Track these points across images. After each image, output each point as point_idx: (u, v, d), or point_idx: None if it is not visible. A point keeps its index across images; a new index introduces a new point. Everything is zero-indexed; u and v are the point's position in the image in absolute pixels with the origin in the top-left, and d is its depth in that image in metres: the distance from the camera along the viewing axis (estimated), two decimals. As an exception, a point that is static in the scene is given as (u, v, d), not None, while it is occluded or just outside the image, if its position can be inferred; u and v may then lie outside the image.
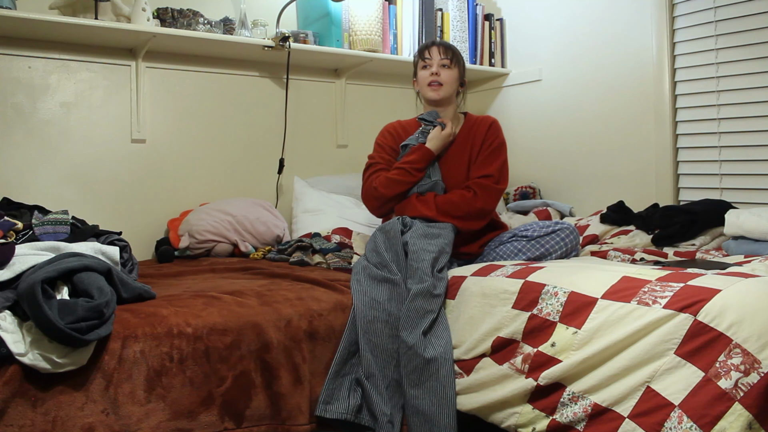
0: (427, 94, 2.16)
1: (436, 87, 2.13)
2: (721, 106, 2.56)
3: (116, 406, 1.36)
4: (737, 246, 2.04)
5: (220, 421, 1.48)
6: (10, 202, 2.00)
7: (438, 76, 2.13)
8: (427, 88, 2.15)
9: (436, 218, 2.01)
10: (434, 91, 2.13)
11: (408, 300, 1.73)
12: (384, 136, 2.24)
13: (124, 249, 1.71)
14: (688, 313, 1.31)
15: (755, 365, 1.21)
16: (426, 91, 2.16)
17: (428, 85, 2.14)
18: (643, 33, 2.77)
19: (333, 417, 1.62)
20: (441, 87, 2.13)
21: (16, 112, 2.35)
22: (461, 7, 3.22)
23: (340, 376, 1.67)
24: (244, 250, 2.46)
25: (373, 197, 2.13)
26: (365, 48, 2.86)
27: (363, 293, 1.76)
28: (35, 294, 1.27)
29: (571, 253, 2.06)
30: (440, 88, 2.13)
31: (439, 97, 2.14)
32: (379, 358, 1.69)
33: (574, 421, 1.41)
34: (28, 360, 1.27)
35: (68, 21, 2.20)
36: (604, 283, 1.50)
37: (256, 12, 2.79)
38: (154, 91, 2.61)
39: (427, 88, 2.15)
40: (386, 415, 1.62)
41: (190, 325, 1.49)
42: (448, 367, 1.67)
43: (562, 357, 1.47)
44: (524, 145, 3.27)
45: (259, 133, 2.88)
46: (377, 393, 1.64)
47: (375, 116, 3.13)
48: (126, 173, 2.56)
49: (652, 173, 2.76)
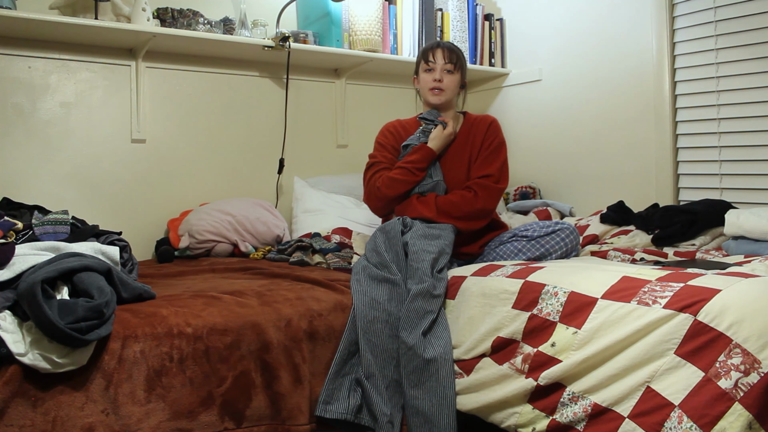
0: (429, 99, 2.17)
1: (438, 93, 2.14)
2: (721, 106, 2.56)
3: (116, 406, 1.36)
4: (737, 246, 2.04)
5: (220, 421, 1.48)
6: (10, 202, 2.00)
7: (440, 82, 2.13)
8: (429, 92, 2.16)
9: (437, 219, 2.01)
10: (436, 96, 2.15)
11: (408, 300, 1.73)
12: (384, 135, 2.24)
13: (124, 249, 1.71)
14: (688, 313, 1.31)
15: (755, 365, 1.21)
16: (428, 96, 2.17)
17: (430, 90, 2.15)
18: (643, 33, 2.77)
19: (333, 417, 1.62)
20: (443, 93, 2.14)
21: (16, 112, 2.35)
22: (461, 7, 3.22)
23: (340, 376, 1.67)
24: (244, 250, 2.46)
25: (375, 197, 2.13)
26: (365, 48, 2.86)
27: (363, 293, 1.76)
28: (35, 294, 1.27)
29: (571, 253, 2.06)
30: (442, 94, 2.14)
31: (440, 103, 2.16)
32: (379, 358, 1.69)
33: (574, 421, 1.41)
34: (28, 360, 1.27)
35: (68, 21, 2.20)
36: (604, 283, 1.50)
37: (256, 12, 2.79)
38: (154, 91, 2.61)
39: (429, 92, 2.16)
40: (386, 415, 1.62)
41: (190, 325, 1.49)
42: (447, 368, 1.67)
43: (562, 357, 1.47)
44: (524, 145, 3.27)
45: (259, 133, 2.88)
46: (377, 393, 1.64)
47: (375, 116, 3.13)
48: (126, 173, 2.56)
49: (652, 173, 2.76)
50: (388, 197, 2.09)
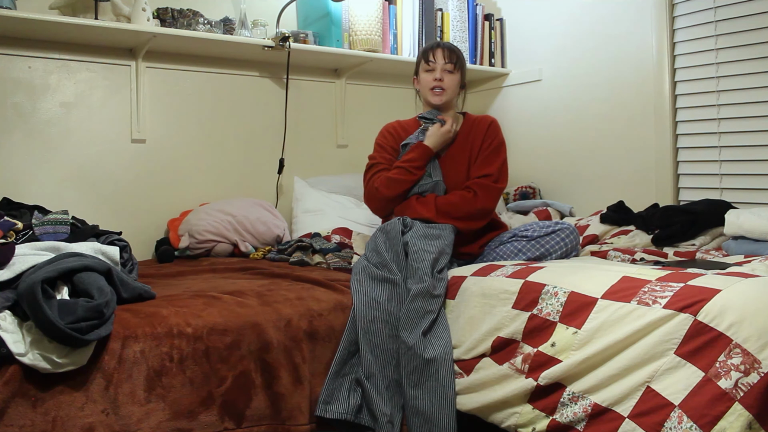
0: (430, 99, 2.17)
1: (438, 93, 2.15)
2: (721, 106, 2.56)
3: (116, 406, 1.36)
4: (737, 246, 2.04)
5: (220, 421, 1.48)
6: (10, 202, 2.00)
7: (441, 82, 2.14)
8: (429, 92, 2.16)
9: (436, 220, 2.01)
10: (437, 96, 2.15)
11: (408, 300, 1.73)
12: (384, 136, 2.24)
13: (124, 249, 1.71)
14: (688, 313, 1.31)
15: (755, 365, 1.21)
16: (428, 96, 2.17)
17: (431, 89, 2.15)
18: (643, 33, 2.77)
19: (333, 417, 1.62)
20: (443, 92, 2.15)
21: (16, 112, 2.35)
22: (461, 7, 3.22)
23: (340, 376, 1.67)
24: (244, 250, 2.46)
25: (375, 198, 2.14)
26: (365, 48, 2.86)
27: (363, 293, 1.76)
28: (35, 294, 1.27)
29: (571, 253, 2.06)
30: (443, 93, 2.15)
31: (441, 102, 2.16)
32: (379, 358, 1.69)
33: (574, 421, 1.41)
34: (28, 360, 1.27)
35: (68, 21, 2.20)
36: (604, 283, 1.50)
37: (256, 12, 2.79)
38: (154, 91, 2.61)
39: (430, 92, 2.16)
40: (386, 415, 1.62)
41: (190, 325, 1.49)
42: (448, 368, 1.67)
43: (562, 357, 1.47)
44: (524, 145, 3.27)
45: (259, 133, 2.88)
46: (377, 393, 1.64)
47: (375, 116, 3.12)
48: (126, 173, 2.56)
49: (652, 173, 2.76)
50: (387, 197, 2.10)
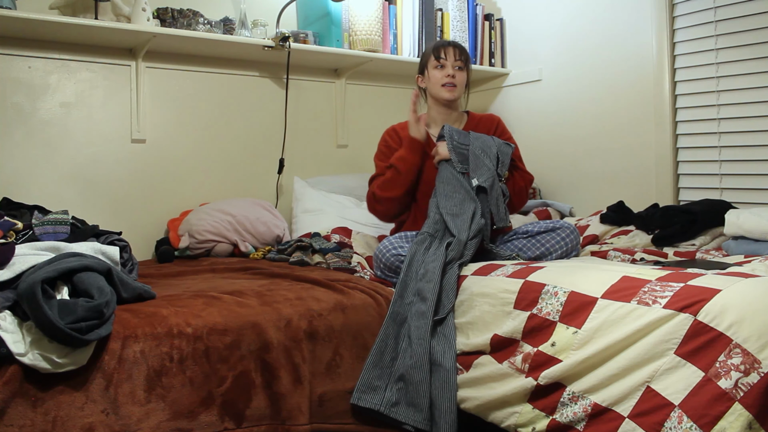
0: (442, 95, 2.19)
1: (451, 88, 2.18)
2: (721, 106, 2.56)
3: (116, 406, 1.36)
4: (737, 246, 2.04)
5: (220, 421, 1.48)
6: (10, 202, 2.00)
7: (454, 78, 2.17)
8: (441, 88, 2.18)
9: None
10: (449, 92, 2.18)
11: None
12: (385, 142, 2.30)
13: (124, 249, 1.71)
14: (688, 313, 1.31)
15: (755, 365, 1.21)
16: (441, 92, 2.19)
17: (443, 85, 2.18)
18: (643, 33, 2.77)
19: (367, 407, 1.64)
20: (455, 88, 2.18)
21: (16, 112, 2.35)
22: (461, 7, 3.22)
23: (378, 367, 1.70)
24: (244, 250, 2.46)
25: (374, 201, 2.20)
26: (365, 48, 2.86)
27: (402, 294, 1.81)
28: (35, 294, 1.27)
29: (571, 253, 2.06)
30: (455, 89, 2.18)
31: (454, 98, 2.19)
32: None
33: (574, 420, 1.41)
34: (28, 360, 1.27)
35: (68, 21, 2.20)
36: (604, 283, 1.50)
37: (256, 12, 2.79)
38: (154, 91, 2.61)
39: (442, 88, 2.18)
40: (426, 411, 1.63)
41: (190, 325, 1.49)
42: (450, 369, 1.67)
43: (562, 357, 1.47)
44: (524, 144, 3.22)
45: (259, 133, 2.88)
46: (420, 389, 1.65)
47: (375, 116, 3.13)
48: (126, 173, 2.56)
49: (652, 173, 2.76)
50: (383, 198, 2.15)
